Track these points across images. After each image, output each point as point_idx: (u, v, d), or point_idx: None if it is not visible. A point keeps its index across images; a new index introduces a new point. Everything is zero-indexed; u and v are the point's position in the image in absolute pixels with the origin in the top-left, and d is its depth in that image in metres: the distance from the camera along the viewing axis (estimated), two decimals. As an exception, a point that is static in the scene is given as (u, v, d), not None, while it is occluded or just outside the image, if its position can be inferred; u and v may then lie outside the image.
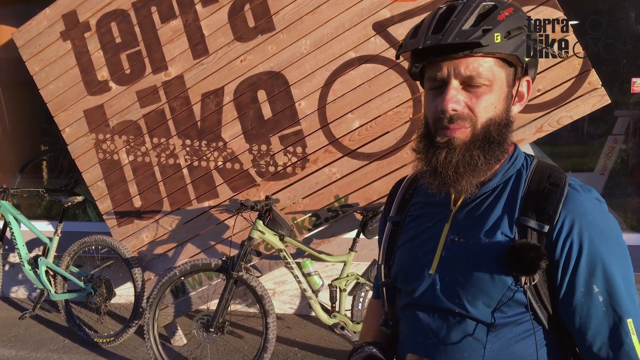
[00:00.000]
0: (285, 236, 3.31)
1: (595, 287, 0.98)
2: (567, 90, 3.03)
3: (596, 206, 1.02)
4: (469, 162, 1.03)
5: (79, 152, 4.03)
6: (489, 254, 1.03)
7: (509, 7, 1.03)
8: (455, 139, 1.02)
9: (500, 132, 1.04)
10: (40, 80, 4.07)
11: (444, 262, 1.10)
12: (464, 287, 1.05)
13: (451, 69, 1.01)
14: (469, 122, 1.02)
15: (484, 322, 1.04)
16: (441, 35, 0.98)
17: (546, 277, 1.02)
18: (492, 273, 1.02)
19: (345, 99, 3.42)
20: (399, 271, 1.19)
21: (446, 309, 1.07)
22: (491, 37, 0.98)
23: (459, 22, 0.99)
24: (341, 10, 3.38)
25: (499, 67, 1.03)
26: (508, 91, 1.06)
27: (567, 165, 4.46)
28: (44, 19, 4.02)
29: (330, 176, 3.48)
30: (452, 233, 1.11)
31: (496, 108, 1.03)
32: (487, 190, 1.10)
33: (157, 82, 3.79)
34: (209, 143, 3.72)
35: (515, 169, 1.11)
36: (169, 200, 3.85)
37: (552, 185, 1.04)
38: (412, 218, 1.22)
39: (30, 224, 4.11)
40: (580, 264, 0.99)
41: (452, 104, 1.01)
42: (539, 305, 1.03)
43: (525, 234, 1.02)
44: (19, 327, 4.31)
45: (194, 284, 3.73)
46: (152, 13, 3.75)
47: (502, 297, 1.02)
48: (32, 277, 4.09)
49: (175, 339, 3.91)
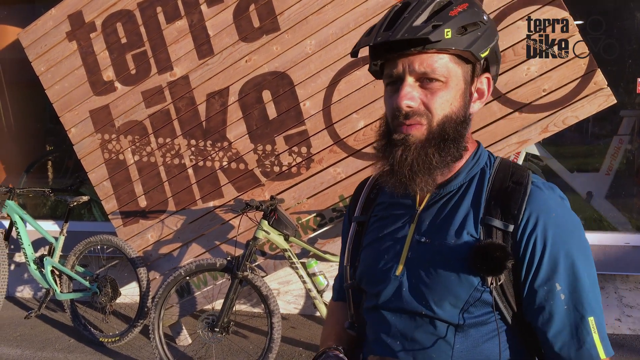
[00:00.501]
0: (290, 236, 3.31)
1: (558, 285, 0.99)
2: (572, 90, 3.03)
3: (559, 204, 1.03)
4: (424, 160, 1.01)
5: (85, 152, 4.05)
6: (455, 254, 1.03)
7: (464, 3, 1.02)
8: (410, 137, 1.02)
9: (456, 129, 1.03)
10: (46, 81, 4.09)
11: (410, 264, 1.09)
12: (431, 288, 1.04)
13: (406, 65, 1.00)
14: (424, 119, 1.01)
15: (452, 323, 1.03)
16: (391, 32, 0.97)
17: (512, 277, 1.03)
18: (459, 274, 1.02)
19: (350, 99, 3.42)
20: (364, 273, 1.18)
21: (413, 311, 1.07)
22: (441, 32, 0.96)
23: (410, 19, 0.98)
24: (346, 11, 3.39)
25: (454, 63, 1.01)
26: (465, 88, 1.05)
27: (573, 165, 4.45)
28: (50, 19, 4.03)
29: (335, 176, 3.48)
30: (418, 234, 1.10)
31: (452, 105, 1.02)
32: (451, 190, 1.10)
33: (162, 82, 3.81)
34: (214, 143, 3.73)
35: (479, 167, 1.10)
36: (174, 200, 3.86)
37: (516, 184, 1.04)
38: (376, 218, 1.20)
39: (36, 224, 4.13)
40: (543, 262, 0.99)
41: (406, 100, 1.00)
42: (505, 305, 1.03)
43: (490, 234, 1.02)
44: (24, 326, 4.33)
45: (198, 283, 3.74)
46: (157, 13, 3.76)
47: (469, 298, 1.02)
48: (38, 276, 4.10)
49: (180, 339, 3.92)
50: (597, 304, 1.00)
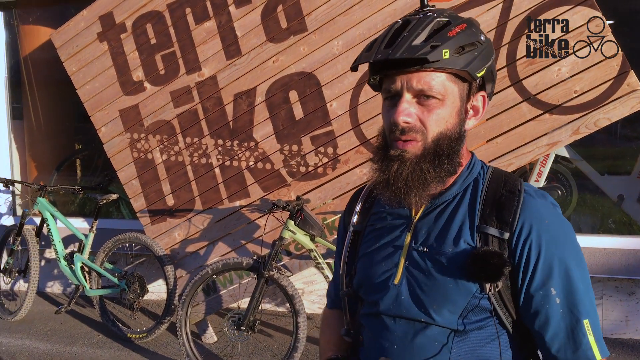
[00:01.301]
0: (316, 236, 3.32)
1: (553, 289, 1.02)
2: (605, 91, 2.98)
3: (551, 211, 1.07)
4: (419, 175, 1.04)
5: (114, 151, 4.12)
6: (452, 262, 1.06)
7: (462, 23, 1.05)
8: (407, 152, 1.05)
9: (451, 145, 1.06)
10: (78, 80, 4.17)
11: (408, 272, 1.11)
12: (429, 296, 1.07)
13: (404, 82, 1.03)
14: (420, 135, 1.04)
15: (450, 328, 1.06)
16: (391, 50, 1.00)
17: (509, 283, 1.06)
18: (457, 281, 1.05)
19: (377, 100, 3.41)
20: (362, 281, 1.20)
21: (412, 318, 1.10)
22: (439, 53, 0.99)
23: (409, 37, 1.01)
24: (374, 11, 3.38)
25: (451, 82, 1.04)
26: (461, 106, 1.07)
27: (603, 167, 4.37)
28: (82, 20, 4.11)
29: (361, 177, 3.48)
30: (415, 242, 1.12)
31: (447, 122, 1.05)
32: (446, 199, 1.13)
33: (190, 82, 3.85)
34: (240, 143, 3.76)
35: (473, 177, 1.14)
36: (201, 199, 3.90)
37: (509, 193, 1.08)
38: (373, 228, 1.23)
39: (66, 221, 4.21)
40: (538, 267, 1.02)
41: (403, 116, 1.03)
42: (503, 310, 1.06)
43: (486, 242, 1.05)
44: (54, 321, 4.42)
45: (224, 282, 3.77)
46: (186, 14, 3.81)
47: (467, 305, 1.05)
48: (68, 272, 4.18)
49: (206, 337, 3.96)
50: (592, 306, 1.03)
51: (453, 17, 1.07)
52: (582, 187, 4.36)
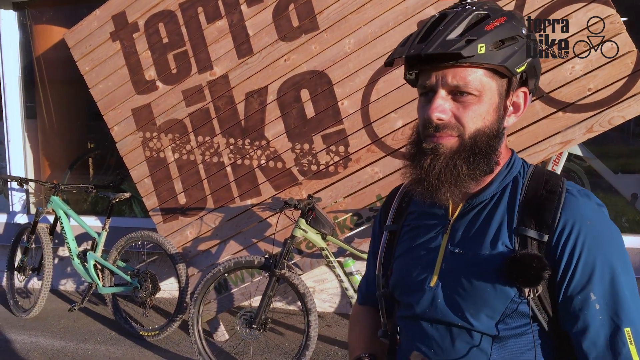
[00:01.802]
0: (328, 235, 3.32)
1: (592, 294, 0.97)
2: (619, 89, 2.95)
3: (595, 211, 1.01)
4: (452, 171, 1.01)
5: (127, 150, 4.14)
6: (489, 265, 1.02)
7: (502, 16, 1.01)
8: (441, 146, 1.01)
9: (488, 143, 1.03)
10: (91, 80, 4.20)
11: (444, 275, 1.08)
12: (466, 299, 1.04)
13: (439, 77, 1.00)
14: (455, 132, 1.01)
15: (488, 334, 1.03)
16: (424, 45, 0.98)
17: (548, 286, 1.01)
18: (494, 285, 1.01)
19: (389, 98, 3.40)
20: (398, 283, 1.18)
21: (449, 322, 1.06)
22: (474, 48, 0.96)
23: (445, 32, 0.98)
24: (386, 9, 3.38)
25: (488, 77, 1.01)
26: (499, 102, 1.03)
27: (617, 166, 4.33)
28: (95, 20, 4.14)
29: (373, 175, 3.47)
30: (451, 244, 1.09)
31: (485, 119, 1.01)
32: (484, 199, 1.08)
33: (202, 81, 3.86)
34: (252, 142, 3.77)
35: (512, 176, 1.09)
36: (212, 198, 3.91)
37: (549, 192, 1.03)
38: (409, 228, 1.20)
39: (79, 219, 4.24)
40: (577, 270, 0.97)
41: (437, 113, 1.00)
42: (544, 315, 1.01)
43: (525, 244, 1.01)
44: (67, 318, 4.46)
45: (236, 280, 3.78)
46: (198, 14, 3.82)
47: (506, 309, 1.01)
48: (81, 270, 4.22)
49: (218, 335, 3.98)
50: (637, 314, 0.97)
51: (493, 9, 1.02)
52: (595, 185, 4.32)
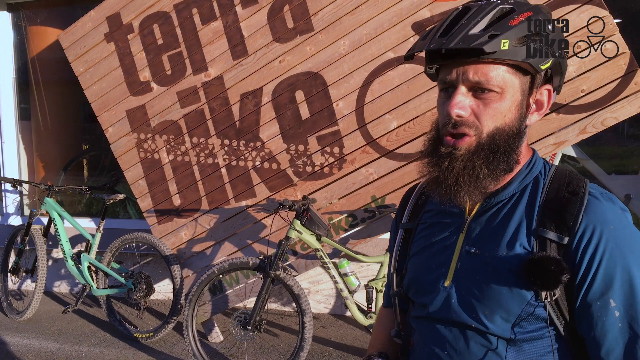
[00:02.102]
0: (322, 236, 3.32)
1: (612, 301, 0.93)
2: (612, 90, 2.96)
3: (618, 216, 0.97)
4: (471, 172, 0.99)
5: (121, 151, 4.13)
6: (506, 266, 0.99)
7: (527, 11, 0.97)
8: (458, 149, 0.99)
9: (508, 142, 1.00)
10: (85, 81, 4.19)
11: (459, 274, 1.05)
12: (481, 301, 1.01)
13: (460, 73, 0.98)
14: (474, 130, 0.99)
15: (503, 337, 1.00)
16: (446, 39, 0.95)
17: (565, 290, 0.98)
18: (511, 287, 0.98)
19: (384, 100, 3.41)
20: (412, 282, 1.16)
21: (463, 323, 1.04)
22: (497, 43, 0.93)
23: (467, 26, 0.95)
24: (380, 11, 3.38)
25: (511, 74, 0.98)
26: (522, 99, 1.00)
27: (610, 167, 4.35)
28: (89, 21, 4.13)
29: (367, 177, 3.48)
30: (467, 244, 1.06)
31: (506, 117, 0.99)
32: (503, 199, 1.06)
33: (197, 82, 3.86)
34: (247, 143, 3.76)
35: (533, 176, 1.06)
36: (207, 199, 3.91)
37: (571, 194, 0.99)
38: (425, 226, 1.17)
39: (73, 221, 4.23)
40: (598, 275, 0.94)
41: (457, 109, 0.97)
42: (560, 320, 0.98)
43: (544, 246, 0.97)
44: (61, 320, 4.44)
45: (231, 281, 3.78)
46: (193, 15, 3.82)
47: (521, 312, 0.98)
48: (75, 272, 4.20)
49: (212, 336, 3.97)
50: None
51: (519, 4, 0.99)
52: (589, 187, 4.32)
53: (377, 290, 3.31)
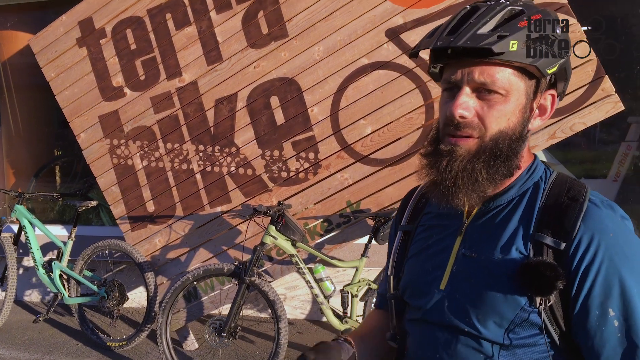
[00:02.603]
0: (298, 241, 3.32)
1: (611, 310, 0.92)
2: (580, 96, 3.03)
3: (618, 224, 0.95)
4: (469, 175, 0.97)
5: (94, 157, 4.08)
6: (501, 271, 0.98)
7: (537, 13, 0.96)
8: (459, 148, 0.98)
9: (511, 146, 0.99)
10: (56, 86, 4.13)
11: (455, 278, 1.05)
12: (475, 305, 1.00)
13: (465, 73, 0.97)
14: (477, 132, 0.97)
15: (496, 342, 0.99)
16: (454, 37, 0.94)
17: (561, 297, 0.96)
18: (505, 292, 0.97)
19: (358, 105, 3.43)
20: (408, 284, 1.15)
21: (455, 327, 1.02)
22: (506, 44, 0.92)
23: (476, 25, 0.94)
24: (354, 17, 3.41)
25: (517, 77, 0.97)
26: (526, 103, 0.99)
27: (580, 171, 4.45)
28: (61, 25, 4.07)
29: (343, 182, 3.49)
30: (464, 247, 1.05)
31: (509, 120, 0.97)
32: (502, 203, 1.04)
33: (171, 88, 3.83)
34: (222, 148, 3.75)
35: (533, 181, 1.05)
36: (182, 205, 3.88)
37: (571, 200, 0.97)
38: (423, 228, 1.17)
39: (44, 228, 4.15)
40: (596, 284, 0.92)
41: (460, 110, 0.96)
42: (555, 327, 0.97)
43: (540, 252, 0.96)
44: (32, 330, 4.35)
45: (206, 288, 3.75)
46: (167, 20, 3.80)
47: (515, 318, 0.96)
48: (46, 280, 4.13)
49: (187, 344, 3.93)
50: None
51: (528, 6, 0.98)
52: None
53: (353, 295, 3.32)
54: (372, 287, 3.33)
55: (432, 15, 3.25)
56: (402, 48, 3.32)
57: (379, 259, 3.93)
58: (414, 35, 3.29)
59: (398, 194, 3.36)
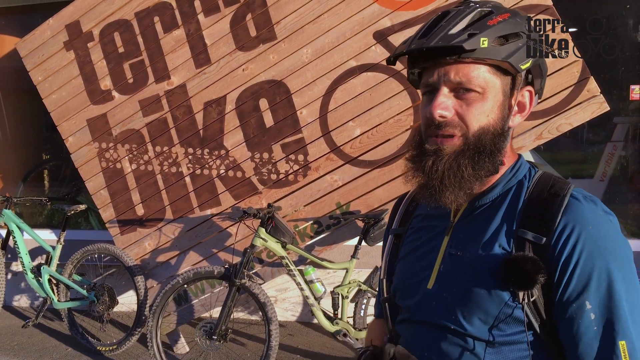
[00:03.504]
0: (288, 243, 3.33)
1: (588, 303, 0.92)
2: (566, 97, 3.06)
3: (599, 217, 0.96)
4: (456, 172, 0.98)
5: (82, 161, 4.06)
6: (485, 267, 0.99)
7: (505, 13, 1.00)
8: (445, 147, 1.00)
9: (494, 142, 1.00)
10: (44, 90, 4.11)
11: (442, 277, 1.06)
12: (461, 302, 1.01)
13: (442, 74, 0.99)
14: (459, 130, 0.99)
15: (481, 339, 1.00)
16: (426, 39, 0.97)
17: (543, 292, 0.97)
18: (489, 288, 0.98)
19: (347, 107, 3.44)
20: (398, 286, 1.16)
21: (442, 326, 1.04)
22: (476, 41, 0.94)
23: (447, 27, 0.97)
24: (342, 20, 3.42)
25: (492, 74, 0.99)
26: (504, 100, 1.01)
27: (567, 171, 4.49)
28: (48, 29, 4.05)
29: (332, 184, 3.50)
30: (451, 246, 1.07)
31: (489, 117, 0.99)
32: (486, 202, 1.06)
33: (159, 91, 3.83)
34: (211, 151, 3.75)
35: (517, 179, 1.06)
36: (171, 209, 3.87)
37: (553, 196, 0.99)
38: (413, 230, 1.18)
39: (33, 233, 4.13)
40: (574, 276, 0.93)
41: (439, 110, 0.98)
42: (539, 324, 0.97)
43: (522, 247, 0.97)
44: (21, 335, 4.32)
45: (196, 291, 3.74)
46: (154, 23, 3.79)
47: (499, 314, 0.97)
48: (35, 285, 4.10)
49: (178, 347, 3.92)
50: (635, 328, 0.92)
51: (497, 7, 1.01)
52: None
53: (343, 297, 3.33)
54: (363, 288, 3.34)
55: (420, 17, 3.27)
56: (390, 50, 3.34)
57: (369, 260, 3.95)
58: (401, 38, 3.31)
59: (387, 195, 3.37)
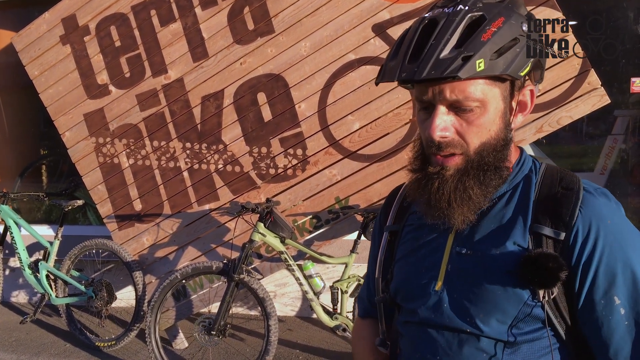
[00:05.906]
0: (287, 238, 3.31)
1: (617, 298, 0.90)
2: (566, 90, 3.03)
3: (614, 211, 0.95)
4: (462, 194, 0.95)
5: (79, 156, 4.03)
6: (500, 266, 0.95)
7: (499, 16, 0.91)
8: (447, 168, 0.96)
9: (497, 156, 0.97)
10: (40, 85, 4.08)
11: (451, 277, 1.01)
12: (475, 304, 0.97)
13: (436, 92, 0.93)
14: (459, 149, 0.95)
15: (500, 339, 0.96)
16: (417, 67, 0.90)
17: (564, 289, 0.94)
18: (506, 287, 0.94)
19: (345, 101, 3.42)
20: (400, 286, 1.11)
21: (456, 328, 0.99)
22: (472, 66, 0.87)
23: (437, 47, 0.89)
24: (340, 12, 3.39)
25: (490, 85, 0.93)
26: (505, 106, 0.97)
27: (567, 165, 4.47)
28: (44, 23, 4.02)
29: (331, 178, 3.48)
30: (458, 245, 1.02)
31: (490, 130, 0.95)
32: (493, 198, 1.01)
33: (156, 85, 3.80)
34: (209, 146, 3.72)
35: (523, 174, 1.03)
36: (169, 204, 3.85)
37: (566, 189, 0.97)
38: (411, 228, 1.13)
39: (30, 228, 4.11)
40: (599, 273, 0.91)
41: (439, 132, 0.94)
42: (559, 320, 0.95)
43: (540, 243, 0.94)
44: (20, 331, 4.31)
45: (195, 286, 3.73)
46: (151, 16, 3.76)
47: (519, 313, 0.94)
48: (33, 281, 4.08)
49: (177, 342, 3.91)
50: None
51: (488, 8, 0.92)
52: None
53: (342, 291, 3.31)
54: (362, 282, 3.33)
55: (419, 9, 3.24)
56: (388, 43, 3.31)
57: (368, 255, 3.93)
58: (400, 30, 3.27)
59: (387, 190, 3.35)
